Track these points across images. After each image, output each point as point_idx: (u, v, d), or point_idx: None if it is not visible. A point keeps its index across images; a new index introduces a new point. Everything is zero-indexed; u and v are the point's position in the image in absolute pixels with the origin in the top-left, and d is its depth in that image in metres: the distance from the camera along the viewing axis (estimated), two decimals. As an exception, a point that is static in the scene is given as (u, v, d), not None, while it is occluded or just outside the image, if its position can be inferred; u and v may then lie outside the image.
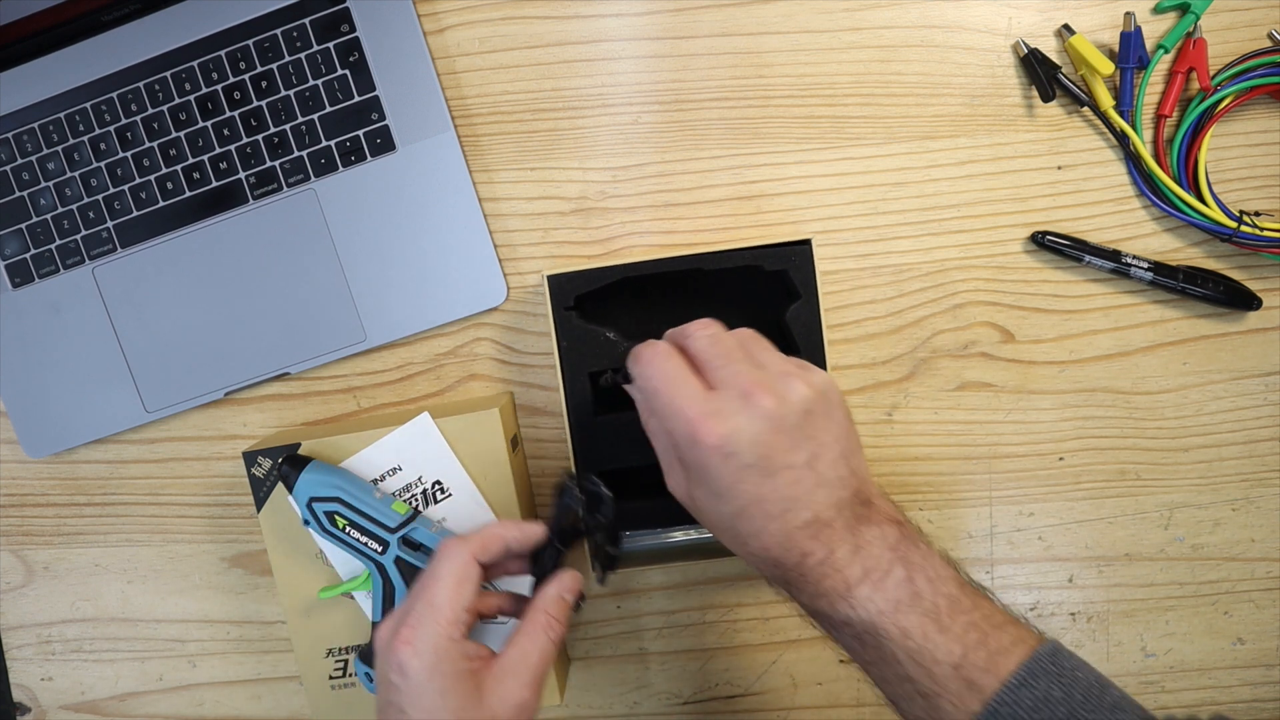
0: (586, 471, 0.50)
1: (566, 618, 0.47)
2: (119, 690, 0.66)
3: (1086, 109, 0.58)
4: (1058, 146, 0.58)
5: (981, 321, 0.60)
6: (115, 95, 0.59)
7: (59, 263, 0.61)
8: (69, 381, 0.62)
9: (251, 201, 0.60)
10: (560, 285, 0.55)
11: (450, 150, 0.59)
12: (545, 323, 0.57)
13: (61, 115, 0.59)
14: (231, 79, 0.59)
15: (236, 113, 0.59)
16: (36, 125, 0.60)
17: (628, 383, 0.48)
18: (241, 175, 0.59)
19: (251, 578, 0.64)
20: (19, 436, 0.62)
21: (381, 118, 0.58)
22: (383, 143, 0.59)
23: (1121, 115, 0.57)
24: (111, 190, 0.60)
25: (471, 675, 0.43)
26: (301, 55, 0.58)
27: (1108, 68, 0.55)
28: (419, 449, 0.56)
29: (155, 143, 0.59)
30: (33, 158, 0.60)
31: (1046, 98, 0.57)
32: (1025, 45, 0.57)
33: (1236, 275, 0.59)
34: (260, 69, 0.58)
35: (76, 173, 0.60)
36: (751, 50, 0.58)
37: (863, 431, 0.49)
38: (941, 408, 0.61)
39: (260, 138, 0.59)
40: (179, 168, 0.60)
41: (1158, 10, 0.57)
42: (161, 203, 0.60)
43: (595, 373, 0.55)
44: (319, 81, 0.58)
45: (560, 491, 0.48)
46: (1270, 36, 0.57)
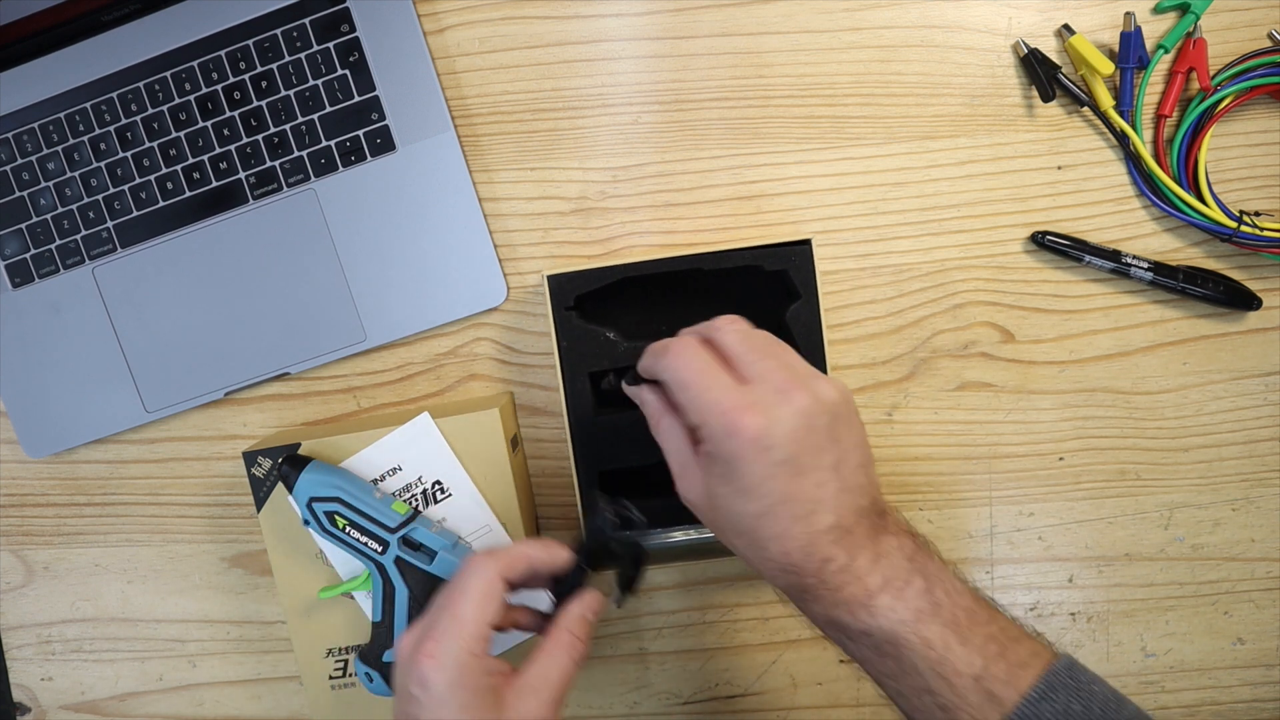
0: (619, 495, 0.50)
1: (588, 638, 0.46)
2: (119, 690, 0.66)
3: (1086, 109, 0.58)
4: (1058, 146, 0.59)
5: (981, 321, 0.60)
6: (115, 95, 0.59)
7: (59, 263, 0.61)
8: (69, 381, 0.62)
9: (251, 201, 0.60)
10: (560, 285, 0.55)
11: (450, 150, 0.59)
12: (545, 323, 0.57)
13: (61, 115, 0.59)
14: (231, 79, 0.59)
15: (236, 113, 0.59)
16: (36, 125, 0.60)
17: (635, 383, 0.48)
18: (241, 175, 0.59)
19: (251, 578, 0.64)
20: (19, 436, 0.62)
21: (381, 118, 0.58)
22: (383, 143, 0.59)
23: (1121, 115, 0.57)
24: (111, 190, 0.60)
25: (493, 691, 0.42)
26: (301, 55, 0.58)
27: (1108, 68, 0.55)
28: (419, 449, 0.56)
29: (155, 143, 0.59)
30: (33, 158, 0.60)
31: (1046, 98, 0.57)
32: (1025, 45, 0.57)
33: (1236, 275, 0.59)
34: (260, 69, 0.58)
35: (76, 173, 0.60)
36: (751, 50, 0.58)
37: (863, 431, 0.49)
38: (941, 408, 0.61)
39: (260, 138, 0.59)
40: (179, 168, 0.60)
41: (1158, 10, 0.57)
42: (161, 203, 0.60)
43: (595, 373, 0.55)
44: (319, 81, 0.58)
45: (592, 513, 0.49)
46: (1270, 36, 0.57)
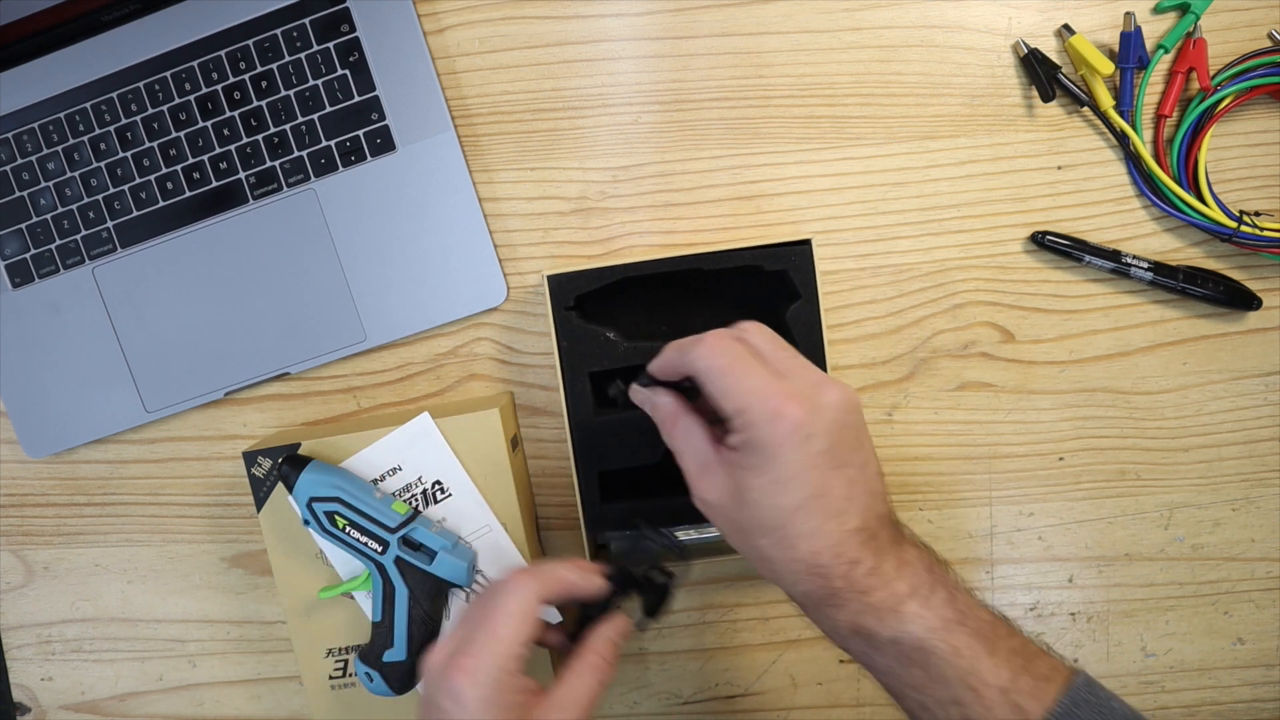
0: (662, 525, 0.52)
1: (615, 661, 0.47)
2: (119, 690, 0.66)
3: (1086, 109, 0.58)
4: (1058, 146, 0.59)
5: (981, 321, 0.60)
6: (115, 95, 0.59)
7: (59, 263, 0.61)
8: (69, 381, 0.62)
9: (251, 201, 0.60)
10: (560, 285, 0.55)
11: (450, 150, 0.59)
12: (545, 323, 0.57)
13: (61, 115, 0.59)
14: (231, 79, 0.59)
15: (236, 113, 0.59)
16: (36, 125, 0.60)
17: (647, 384, 0.47)
18: (241, 175, 0.59)
19: (251, 578, 0.64)
20: (19, 436, 0.62)
21: (381, 118, 0.58)
22: (383, 143, 0.59)
23: (1121, 115, 0.57)
24: (111, 190, 0.60)
25: (522, 708, 0.43)
26: (301, 55, 0.58)
27: (1108, 68, 0.55)
28: (419, 449, 0.56)
29: (155, 143, 0.59)
30: (33, 158, 0.60)
31: (1046, 98, 0.57)
32: (1025, 45, 0.57)
33: (1236, 275, 0.59)
34: (260, 69, 0.58)
35: (76, 173, 0.60)
36: (751, 50, 0.58)
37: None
38: (941, 408, 0.61)
39: (260, 138, 0.59)
40: (179, 168, 0.60)
41: (1158, 10, 0.57)
42: (161, 203, 0.60)
43: (595, 373, 0.55)
44: (319, 81, 0.58)
45: (635, 540, 0.49)
46: (1270, 36, 0.57)
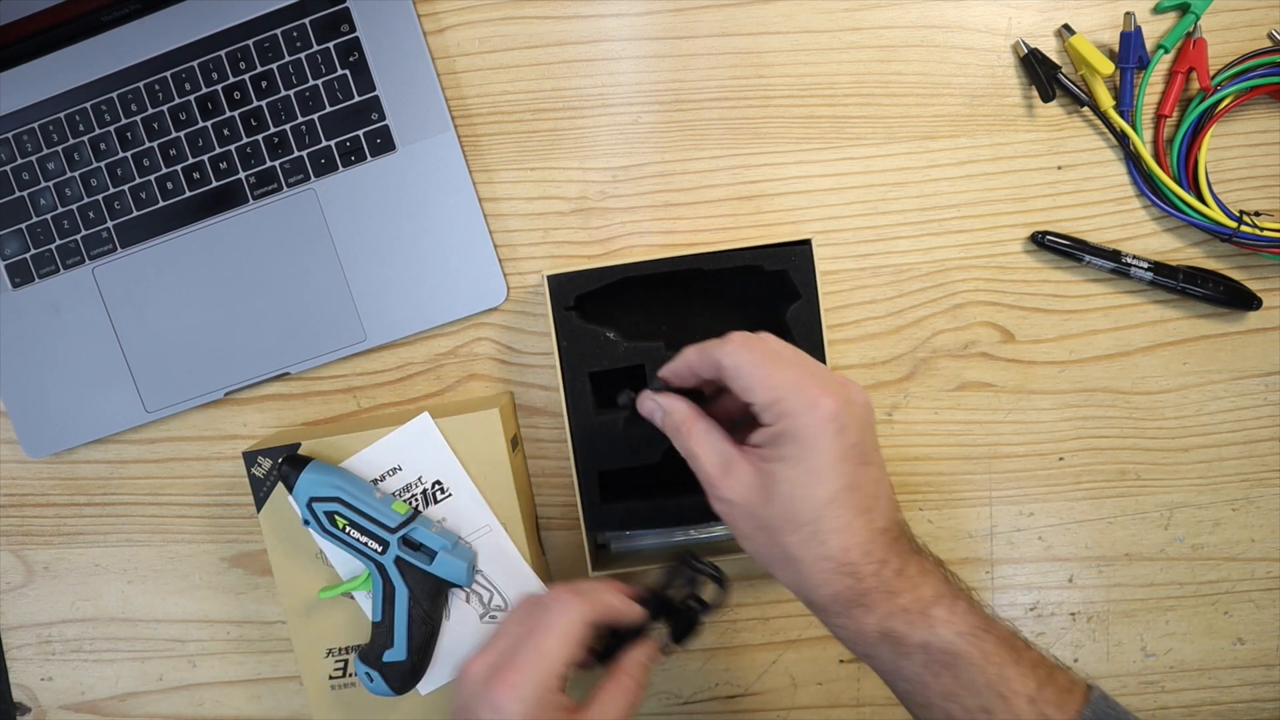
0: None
1: (645, 684, 0.48)
2: (119, 690, 0.66)
3: (1086, 109, 0.58)
4: (1058, 146, 0.59)
5: (981, 321, 0.60)
6: (115, 95, 0.59)
7: (59, 263, 0.61)
8: (69, 381, 0.62)
9: (251, 201, 0.60)
10: (560, 285, 0.55)
11: (450, 150, 0.59)
12: (545, 323, 0.57)
13: (61, 115, 0.59)
14: (231, 79, 0.59)
15: (236, 113, 0.59)
16: (36, 125, 0.60)
17: (660, 389, 0.48)
18: (241, 175, 0.59)
19: (251, 578, 0.64)
20: (19, 436, 0.62)
21: (381, 118, 0.58)
22: (383, 143, 0.59)
23: (1121, 115, 0.57)
24: (111, 190, 0.60)
25: None
26: (301, 55, 0.58)
27: (1108, 68, 0.55)
28: (419, 449, 0.56)
29: (155, 143, 0.59)
30: (33, 158, 0.60)
31: (1046, 98, 0.57)
32: (1025, 45, 0.57)
33: (1236, 275, 0.59)
34: (260, 69, 0.58)
35: (76, 173, 0.60)
36: (751, 50, 0.58)
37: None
38: (941, 408, 0.61)
39: (260, 138, 0.59)
40: (179, 168, 0.60)
41: (1158, 10, 0.57)
42: (161, 203, 0.60)
43: (595, 373, 0.55)
44: (319, 81, 0.58)
45: (675, 569, 0.50)
46: (1270, 36, 0.57)
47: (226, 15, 0.58)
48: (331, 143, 0.59)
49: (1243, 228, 0.56)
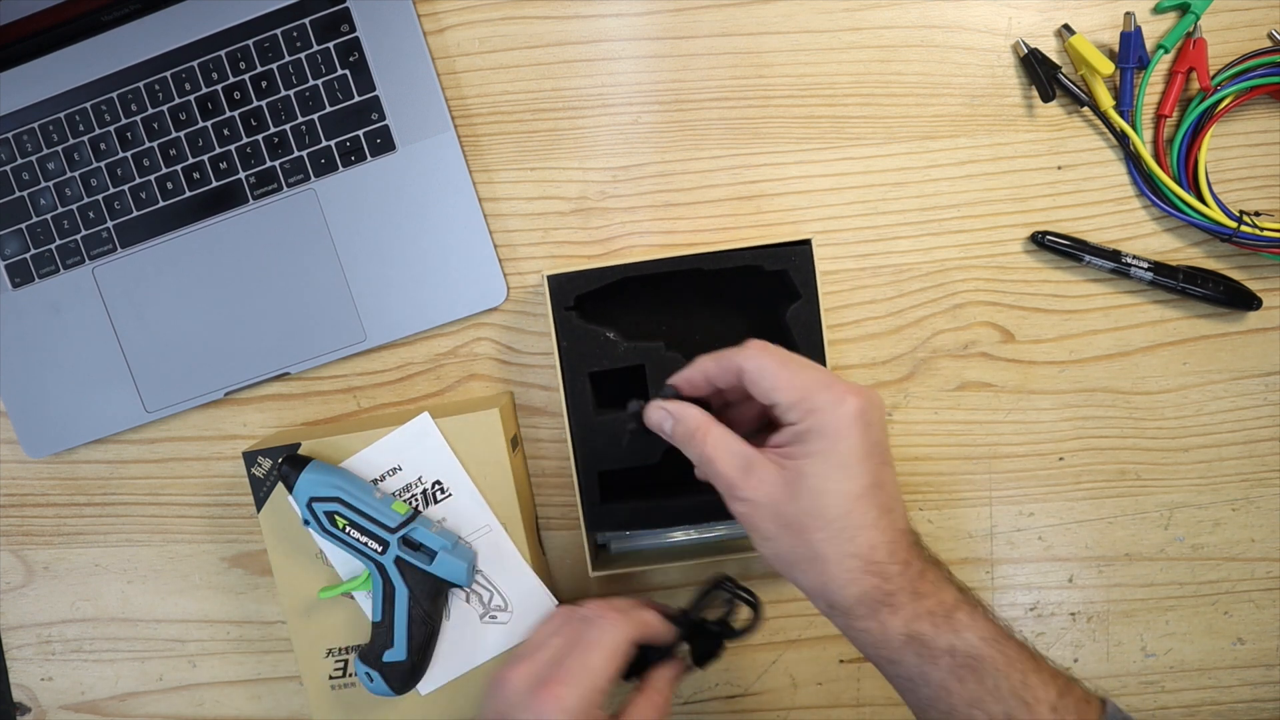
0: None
1: (671, 701, 0.49)
2: (119, 690, 0.66)
3: (1086, 109, 0.58)
4: (1058, 146, 0.59)
5: (981, 321, 0.60)
6: (115, 95, 0.59)
7: (59, 263, 0.61)
8: (69, 381, 0.62)
9: (251, 201, 0.60)
10: (560, 285, 0.55)
11: (450, 150, 0.59)
12: (545, 323, 0.57)
13: (61, 115, 0.59)
14: (231, 79, 0.59)
15: (236, 113, 0.59)
16: (36, 125, 0.60)
17: (672, 397, 0.48)
18: (241, 175, 0.59)
19: (251, 578, 0.64)
20: (19, 436, 0.62)
21: (381, 118, 0.58)
22: (383, 143, 0.59)
23: (1121, 115, 0.57)
24: (111, 190, 0.60)
25: None
26: (301, 55, 0.58)
27: (1108, 68, 0.55)
28: (419, 449, 0.56)
29: (155, 143, 0.59)
30: (33, 158, 0.60)
31: (1046, 98, 0.57)
32: (1025, 45, 0.57)
33: (1236, 275, 0.59)
34: (260, 69, 0.58)
35: (76, 173, 0.60)
36: (751, 50, 0.58)
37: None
38: (941, 408, 0.61)
39: (260, 138, 0.59)
40: (179, 168, 0.60)
41: (1158, 10, 0.57)
42: (161, 203, 0.60)
43: (595, 373, 0.55)
44: (319, 81, 0.58)
45: (711, 590, 0.51)
46: (1270, 36, 0.57)
47: (226, 15, 0.58)
48: (331, 143, 0.59)
49: (1243, 228, 0.56)
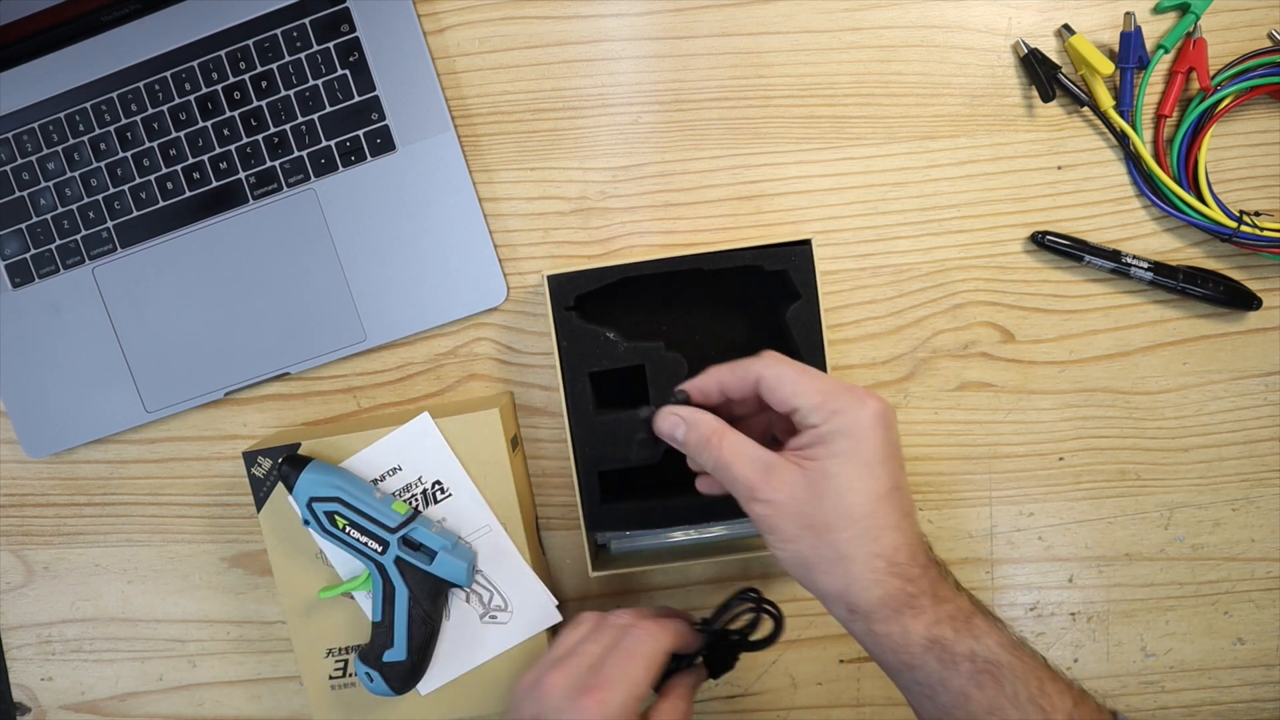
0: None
1: (692, 707, 0.50)
2: (119, 690, 0.66)
3: (1086, 109, 0.58)
4: (1058, 146, 0.59)
5: (981, 321, 0.60)
6: (115, 95, 0.59)
7: (59, 263, 0.61)
8: (69, 381, 0.62)
9: (251, 201, 0.60)
10: (560, 285, 0.55)
11: (450, 150, 0.59)
12: (545, 323, 0.57)
13: (61, 115, 0.59)
14: (231, 79, 0.59)
15: (236, 113, 0.59)
16: (36, 125, 0.60)
17: (684, 401, 0.48)
18: (241, 175, 0.59)
19: (251, 578, 0.64)
20: (19, 436, 0.62)
21: (381, 118, 0.58)
22: (383, 143, 0.59)
23: (1121, 115, 0.57)
24: (111, 190, 0.60)
25: None
26: (301, 55, 0.58)
27: (1108, 68, 0.55)
28: (419, 449, 0.56)
29: (155, 143, 0.59)
30: (33, 158, 0.60)
31: (1046, 98, 0.57)
32: (1025, 45, 0.57)
33: (1236, 275, 0.59)
34: (260, 69, 0.58)
35: (76, 173, 0.60)
36: (751, 50, 0.58)
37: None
38: (941, 408, 0.61)
39: (260, 138, 0.59)
40: (179, 168, 0.60)
41: (1158, 10, 0.57)
42: (161, 203, 0.60)
43: (595, 373, 0.55)
44: (319, 81, 0.58)
45: (736, 602, 0.51)
46: (1270, 36, 0.57)
47: (226, 15, 0.58)
48: (331, 143, 0.59)
49: (1243, 228, 0.56)
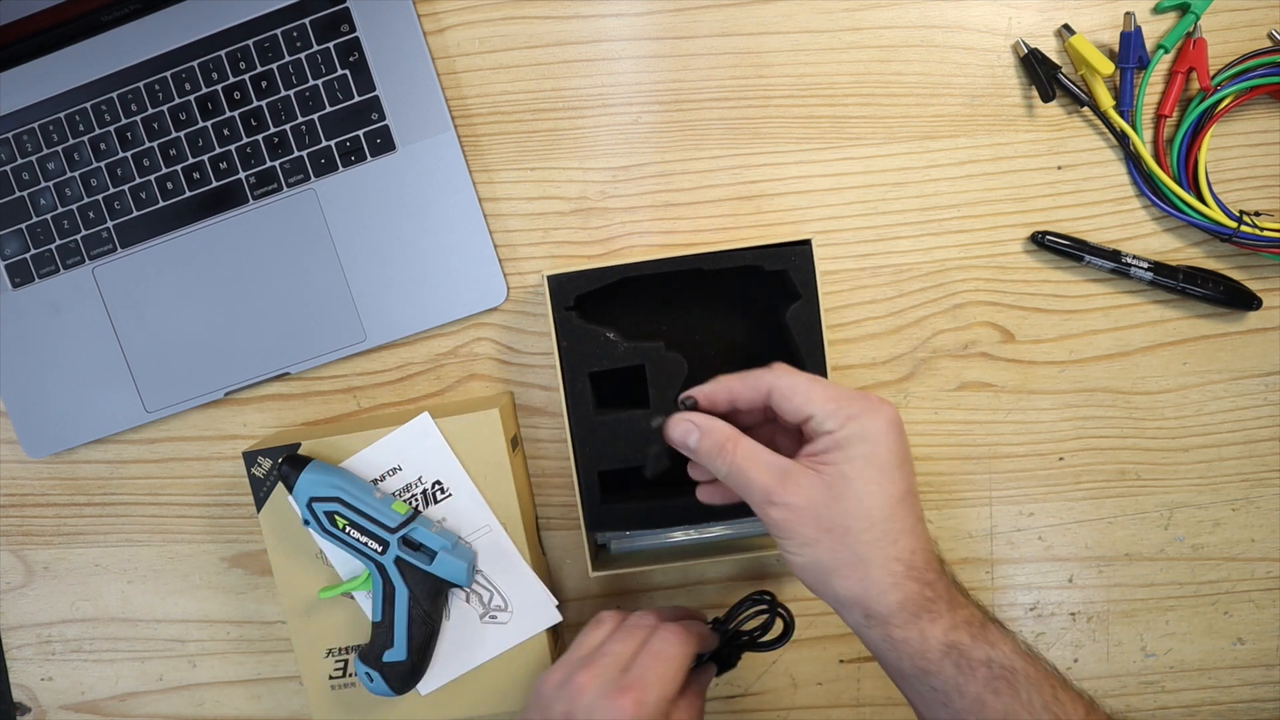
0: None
1: (704, 703, 0.52)
2: (119, 690, 0.66)
3: (1086, 109, 0.58)
4: (1058, 146, 0.58)
5: (981, 321, 0.60)
6: (115, 95, 0.59)
7: (59, 263, 0.61)
8: (69, 381, 0.62)
9: (251, 201, 0.60)
10: (560, 285, 0.55)
11: (450, 150, 0.59)
12: (545, 323, 0.57)
13: (61, 115, 0.59)
14: (231, 79, 0.59)
15: (236, 113, 0.59)
16: (36, 125, 0.60)
17: (693, 407, 0.48)
18: (241, 175, 0.59)
19: (251, 578, 0.64)
20: (19, 436, 0.62)
21: (381, 118, 0.58)
22: (383, 143, 0.59)
23: (1121, 115, 0.57)
24: (111, 190, 0.60)
25: None
26: (301, 55, 0.58)
27: (1108, 68, 0.55)
28: (419, 449, 0.56)
29: (155, 143, 0.59)
30: (33, 158, 0.60)
31: (1046, 98, 0.57)
32: (1025, 45, 0.57)
33: (1236, 275, 0.59)
34: (260, 69, 0.58)
35: (76, 173, 0.60)
36: (751, 50, 0.58)
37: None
38: (941, 408, 0.61)
39: (260, 138, 0.59)
40: (179, 168, 0.60)
41: (1158, 10, 0.57)
42: (161, 203, 0.60)
43: (595, 373, 0.55)
44: (319, 81, 0.58)
45: (749, 604, 0.53)
46: (1270, 36, 0.57)
47: (226, 15, 0.58)
48: (331, 143, 0.59)
49: (1243, 228, 0.56)
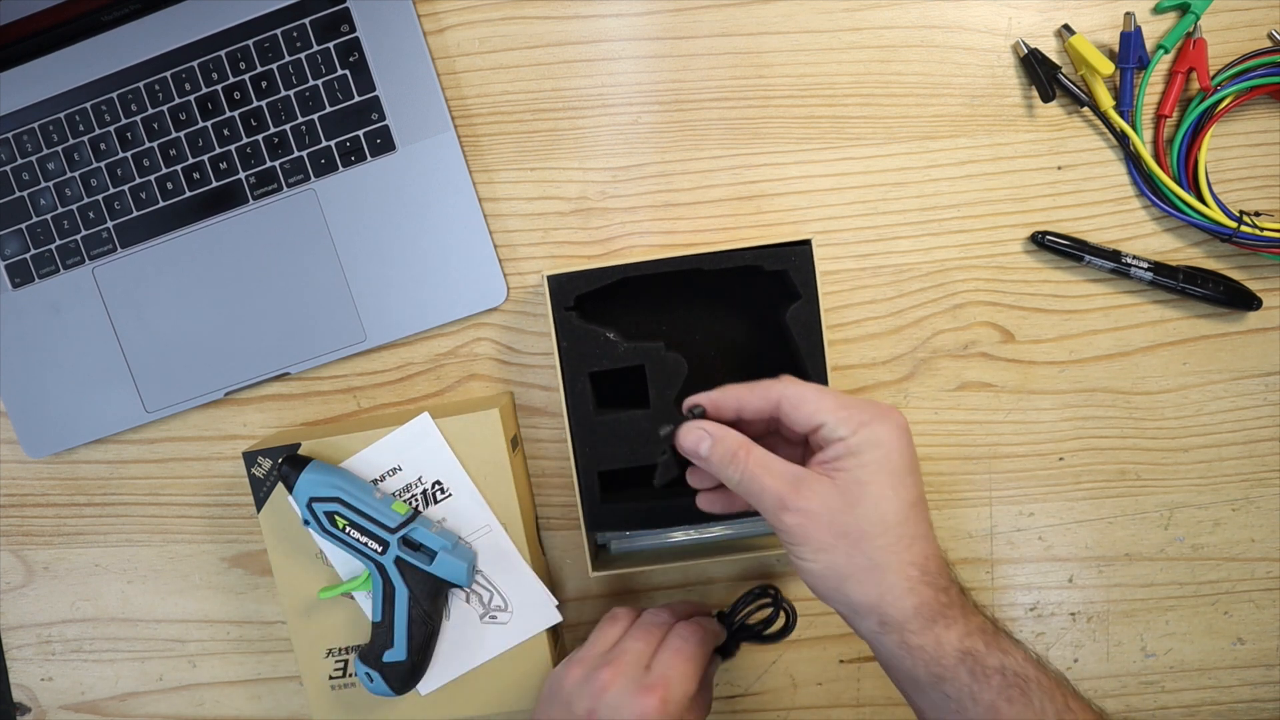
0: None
1: (712, 693, 0.54)
2: (119, 690, 0.66)
3: (1086, 109, 0.58)
4: (1058, 146, 0.58)
5: (981, 321, 0.60)
6: (115, 95, 0.59)
7: (59, 263, 0.61)
8: (69, 381, 0.62)
9: (251, 201, 0.60)
10: (560, 285, 0.55)
11: (450, 150, 0.59)
12: (545, 323, 0.57)
13: (61, 115, 0.59)
14: (231, 79, 0.59)
15: (236, 113, 0.59)
16: (36, 125, 0.60)
17: (701, 415, 0.48)
18: (241, 175, 0.59)
19: (251, 578, 0.64)
20: (19, 436, 0.62)
21: (381, 118, 0.58)
22: (383, 143, 0.59)
23: (1121, 115, 0.57)
24: (111, 190, 0.60)
25: None
26: (301, 55, 0.58)
27: (1108, 68, 0.55)
28: (419, 449, 0.56)
29: (155, 143, 0.59)
30: (33, 158, 0.60)
31: (1046, 98, 0.57)
32: (1025, 45, 0.57)
33: (1236, 275, 0.59)
34: (260, 69, 0.58)
35: (76, 173, 0.60)
36: (751, 50, 0.58)
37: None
38: (941, 408, 0.61)
39: (260, 138, 0.59)
40: (179, 168, 0.60)
41: (1158, 10, 0.57)
42: (161, 203, 0.60)
43: (595, 373, 0.55)
44: (319, 82, 0.58)
45: (753, 597, 0.55)
46: (1270, 36, 0.57)
47: (226, 15, 0.58)
48: (331, 143, 0.59)
49: (1243, 228, 0.56)
